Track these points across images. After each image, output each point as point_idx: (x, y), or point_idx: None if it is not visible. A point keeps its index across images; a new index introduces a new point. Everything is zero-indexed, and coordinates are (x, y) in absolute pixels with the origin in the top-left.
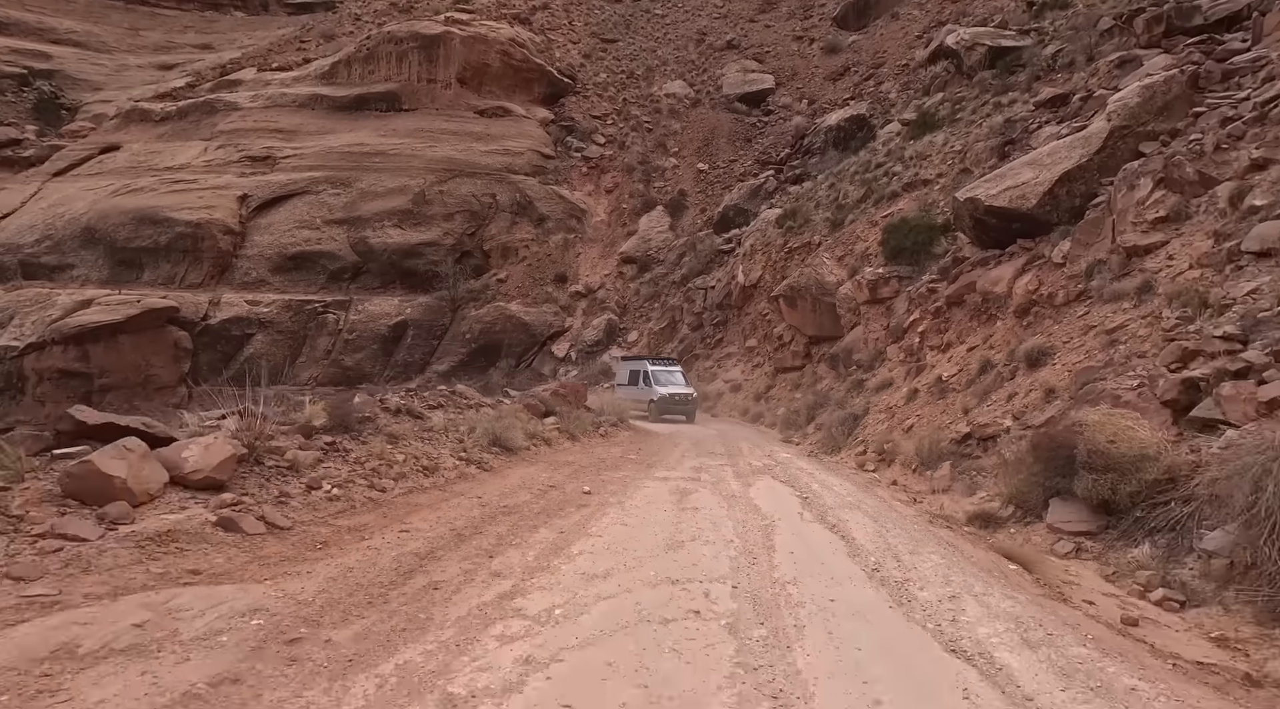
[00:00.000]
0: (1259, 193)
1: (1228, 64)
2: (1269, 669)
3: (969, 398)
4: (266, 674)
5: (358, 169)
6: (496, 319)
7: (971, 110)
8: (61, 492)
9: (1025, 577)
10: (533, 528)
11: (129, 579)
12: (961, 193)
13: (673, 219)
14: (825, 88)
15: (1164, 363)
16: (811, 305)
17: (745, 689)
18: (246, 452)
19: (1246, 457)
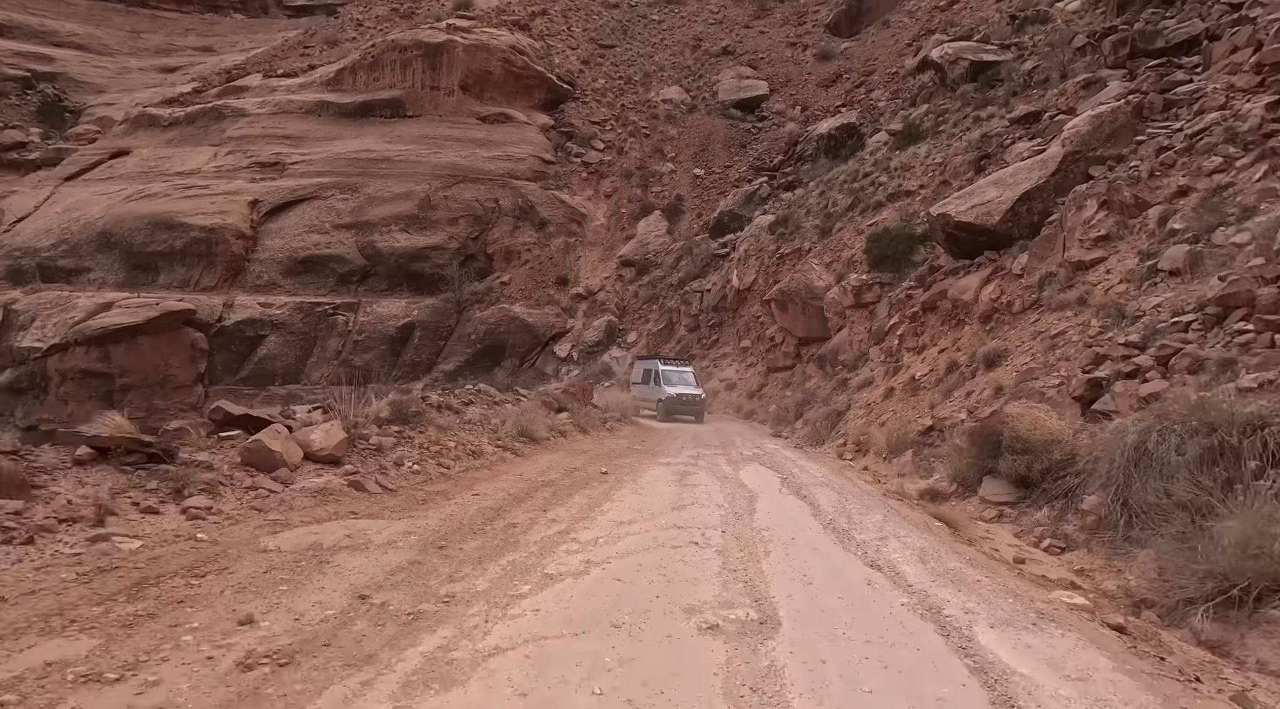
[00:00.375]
0: (1179, 217)
1: (1170, 94)
2: (1099, 583)
3: (935, 395)
4: (434, 561)
5: (364, 175)
6: (501, 320)
7: (953, 123)
8: (241, 461)
9: (947, 531)
10: (569, 495)
11: (317, 514)
12: (935, 208)
13: (670, 223)
14: (818, 94)
15: (1080, 365)
16: (801, 309)
17: (728, 578)
18: (347, 436)
19: (1110, 440)
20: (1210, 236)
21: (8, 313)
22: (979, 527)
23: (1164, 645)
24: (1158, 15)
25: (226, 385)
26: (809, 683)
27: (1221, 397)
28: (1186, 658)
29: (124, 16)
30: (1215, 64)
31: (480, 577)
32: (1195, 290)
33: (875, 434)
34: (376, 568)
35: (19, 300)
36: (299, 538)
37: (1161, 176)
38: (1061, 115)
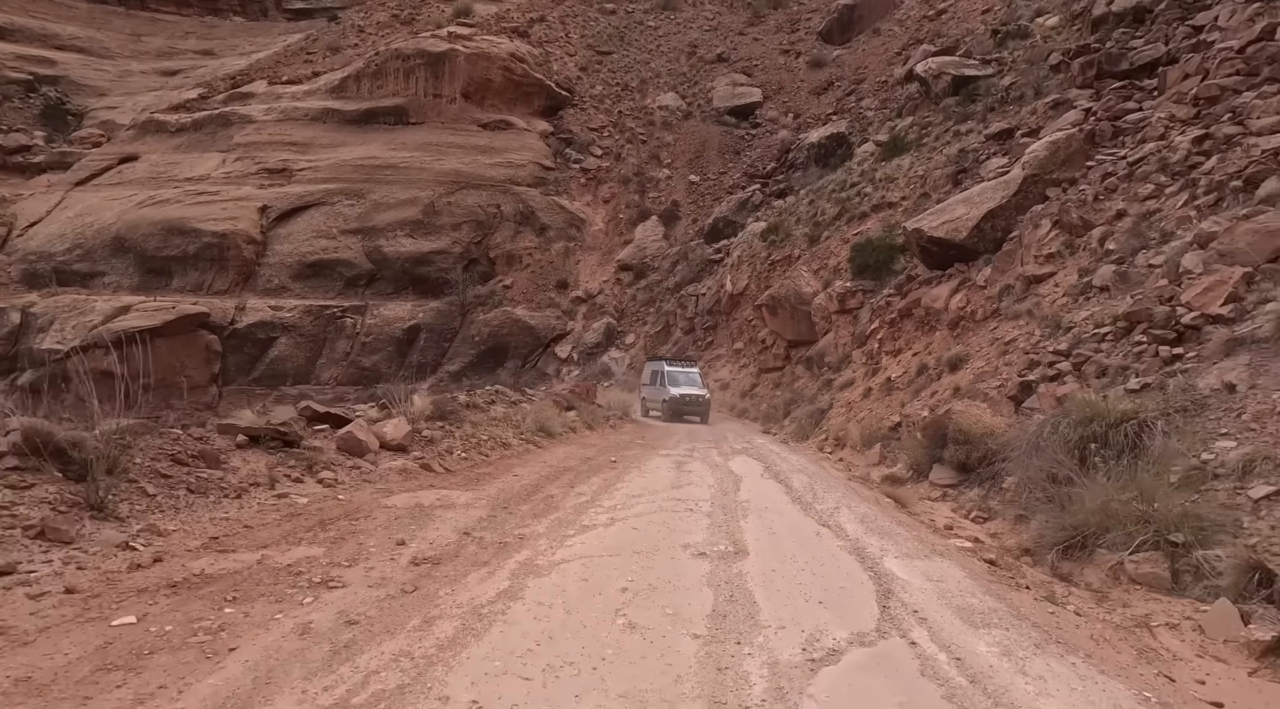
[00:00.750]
0: (1114, 239)
1: (1119, 122)
2: (1002, 541)
3: (906, 394)
4: (503, 516)
5: (370, 181)
6: (503, 323)
7: (935, 137)
8: (337, 447)
9: (894, 506)
10: (588, 477)
11: (407, 485)
12: (911, 223)
13: (666, 228)
14: (810, 102)
15: (1017, 370)
16: (790, 313)
17: (714, 530)
18: (411, 429)
19: (1023, 432)
20: (1134, 258)
21: (25, 316)
22: (924, 503)
23: (1022, 573)
24: (1128, 34)
25: (239, 386)
26: (762, 580)
27: (1107, 396)
28: (1036, 580)
29: (124, 19)
30: (1168, 90)
31: (538, 525)
32: (1113, 306)
33: (852, 430)
34: (466, 519)
35: (36, 304)
36: (404, 500)
37: (1105, 200)
38: (1026, 138)
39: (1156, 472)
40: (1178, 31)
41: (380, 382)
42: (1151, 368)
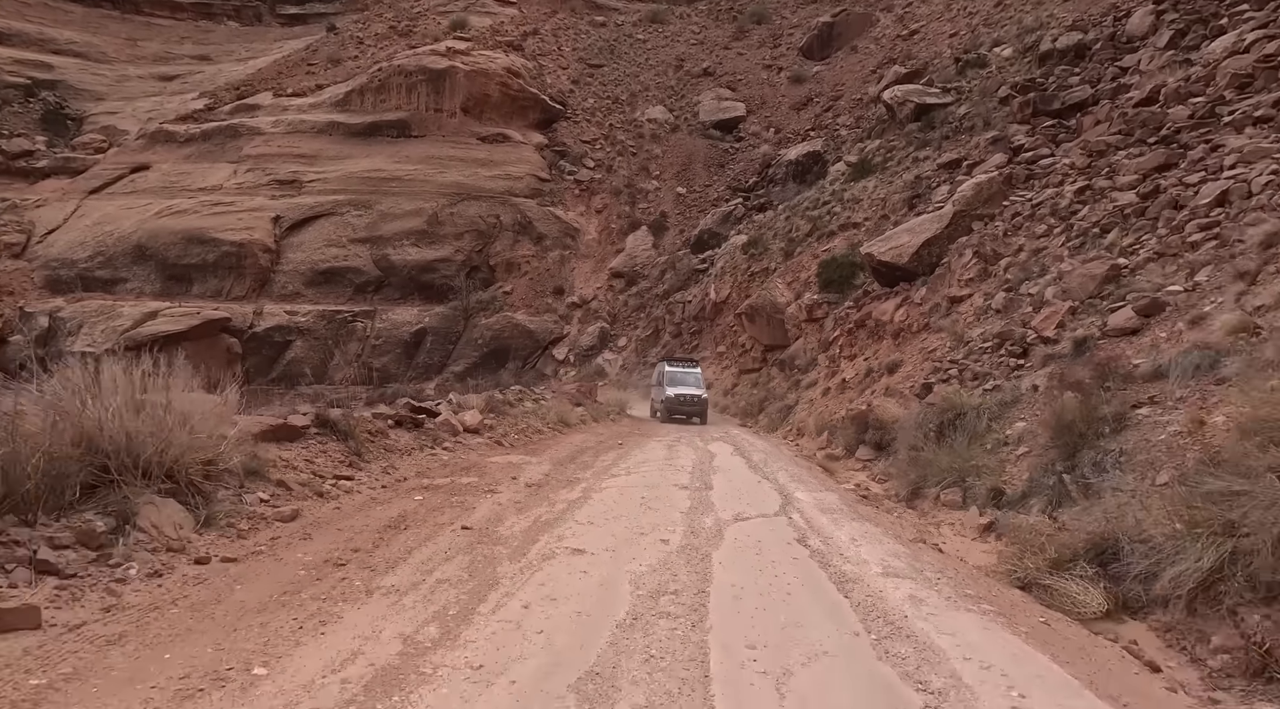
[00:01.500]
0: (1011, 270)
1: (1035, 166)
2: (889, 490)
3: (854, 393)
4: (560, 471)
5: (377, 193)
6: (504, 327)
7: (897, 161)
8: (438, 428)
9: (823, 472)
10: (605, 452)
11: (493, 453)
12: (865, 247)
13: (655, 238)
14: (790, 117)
15: (926, 373)
16: (766, 321)
17: (694, 480)
18: (481, 417)
19: (910, 419)
20: (1020, 287)
21: (53, 320)
22: (847, 472)
23: (881, 501)
24: (1067, 72)
25: (259, 386)
26: (718, 498)
27: (965, 394)
28: (888, 506)
29: (120, 24)
30: (1082, 135)
31: (585, 473)
32: (994, 326)
33: (809, 422)
34: (540, 470)
35: (63, 308)
36: (499, 460)
37: (1012, 236)
38: (968, 170)
39: (980, 442)
40: (1108, 71)
41: (390, 381)
42: (1003, 374)
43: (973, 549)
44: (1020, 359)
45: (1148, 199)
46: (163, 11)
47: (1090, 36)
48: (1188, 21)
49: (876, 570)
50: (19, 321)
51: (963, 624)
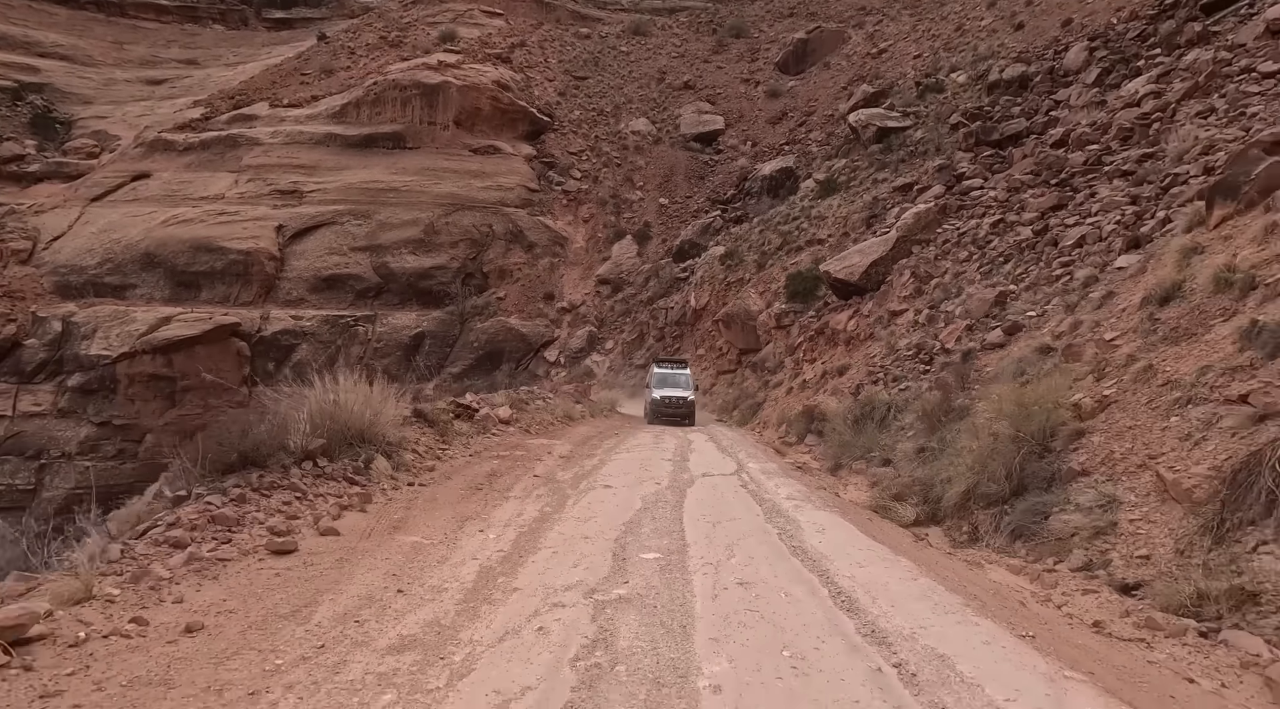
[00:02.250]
0: (937, 291)
1: (965, 199)
2: (823, 465)
3: (811, 392)
4: (582, 447)
5: (375, 203)
6: (498, 330)
7: (860, 181)
8: (483, 419)
9: (776, 453)
10: (605, 440)
11: (527, 437)
12: (824, 265)
13: (640, 247)
14: (767, 131)
15: (862, 376)
16: (741, 327)
17: (676, 458)
18: (512, 411)
19: (843, 410)
20: (942, 305)
21: (66, 324)
22: (794, 454)
23: (812, 472)
24: (1010, 102)
25: (267, 387)
26: (692, 464)
27: (882, 393)
28: (817, 474)
29: (105, 26)
30: (1014, 165)
31: (598, 452)
32: (916, 338)
33: (773, 416)
34: (567, 447)
35: (76, 313)
36: (534, 442)
37: (941, 260)
38: (909, 202)
39: (886, 429)
40: (1044, 104)
41: (392, 383)
42: (914, 377)
43: (859, 495)
44: (927, 365)
45: (1039, 236)
46: (148, 14)
47: (1033, 69)
48: (1113, 60)
49: (783, 496)
50: (31, 325)
51: (819, 517)
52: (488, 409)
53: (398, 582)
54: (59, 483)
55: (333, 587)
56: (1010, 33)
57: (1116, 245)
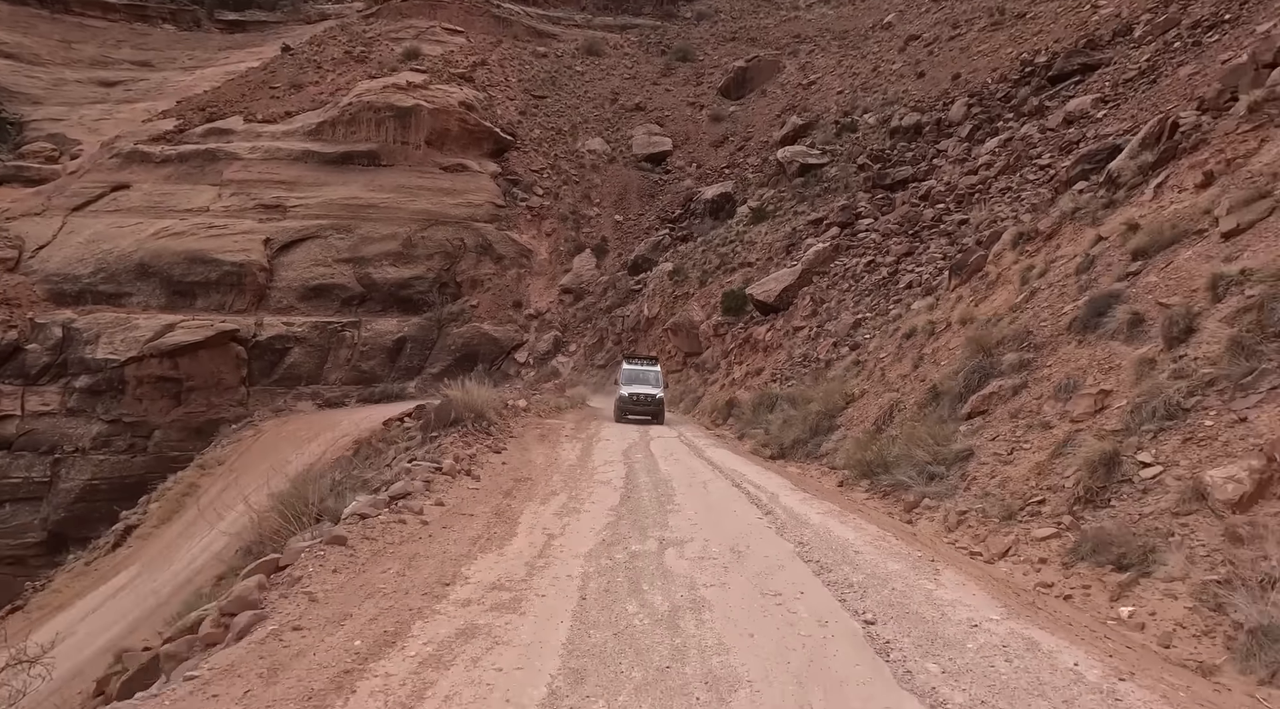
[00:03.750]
0: (824, 313)
1: (854, 240)
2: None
3: (737, 387)
4: (581, 425)
5: (356, 218)
6: (473, 335)
7: (784, 212)
8: (514, 406)
9: (708, 432)
10: (591, 422)
11: (544, 419)
12: (749, 288)
13: (598, 260)
14: (710, 154)
15: (769, 375)
16: (686, 334)
17: (642, 433)
18: (527, 404)
19: (749, 399)
20: (826, 326)
21: (67, 330)
22: (718, 431)
23: (725, 438)
24: (904, 148)
25: (263, 387)
26: (655, 433)
27: (775, 388)
28: (729, 439)
29: (50, 24)
30: (895, 210)
31: (592, 425)
32: (806, 350)
33: (708, 407)
34: (572, 426)
35: (76, 320)
36: (550, 422)
37: (831, 289)
38: (810, 238)
39: (775, 411)
40: (930, 152)
41: (377, 382)
42: (799, 378)
43: (747, 445)
44: (806, 369)
45: (891, 277)
46: (94, 12)
47: (925, 118)
48: (982, 118)
49: (703, 445)
50: (32, 331)
51: (719, 452)
52: (512, 401)
53: (549, 459)
54: (75, 475)
55: (529, 462)
56: (914, 80)
57: (919, 291)
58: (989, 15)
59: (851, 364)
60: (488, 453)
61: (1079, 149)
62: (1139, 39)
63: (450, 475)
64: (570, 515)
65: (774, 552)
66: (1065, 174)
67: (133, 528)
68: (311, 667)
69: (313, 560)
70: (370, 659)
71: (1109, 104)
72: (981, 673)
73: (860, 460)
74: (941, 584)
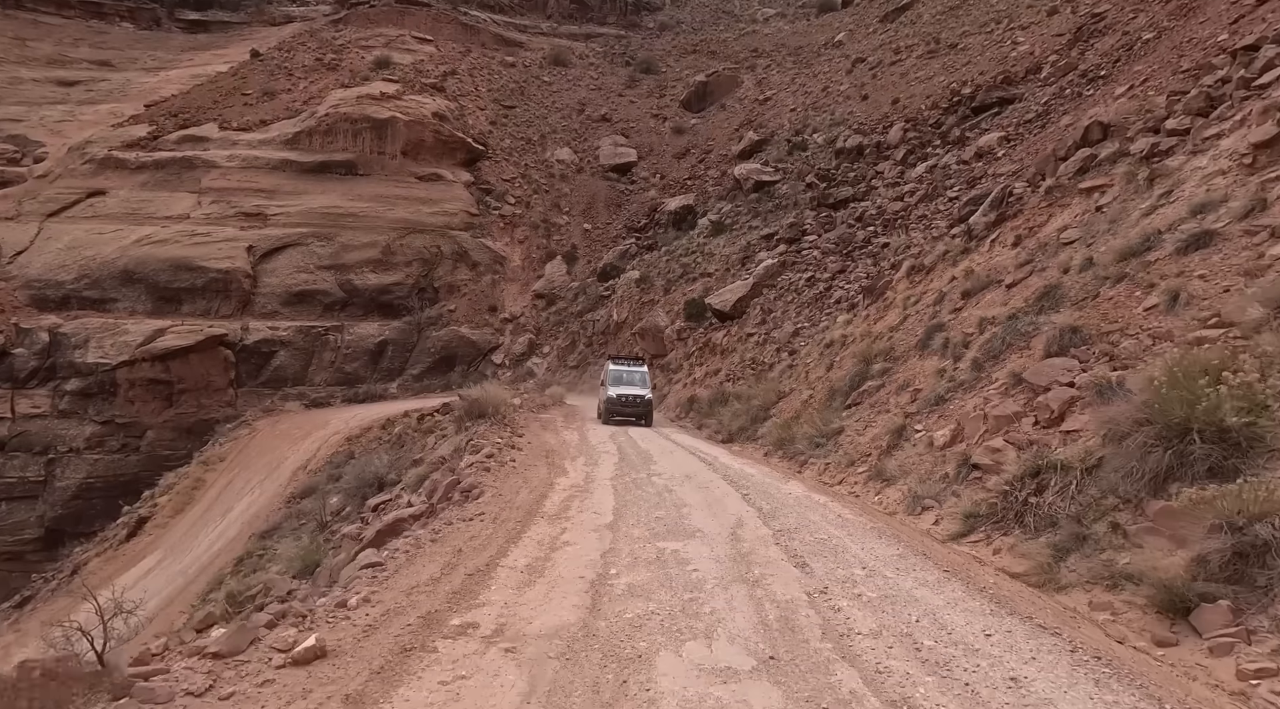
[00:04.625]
0: (771, 322)
1: (798, 257)
2: (691, 423)
3: (697, 386)
4: (572, 417)
5: (336, 226)
6: (452, 338)
7: (740, 226)
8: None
9: (675, 423)
10: (576, 418)
11: (536, 413)
12: (708, 298)
13: (568, 267)
14: (673, 165)
15: (724, 376)
16: (653, 338)
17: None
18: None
19: (706, 396)
20: (773, 333)
21: (54, 335)
22: (680, 421)
23: (687, 426)
24: (848, 169)
25: (251, 389)
26: (636, 434)
27: (729, 386)
28: (690, 428)
29: (2, 20)
30: (834, 231)
31: (579, 417)
32: (755, 354)
33: (672, 401)
34: (562, 417)
35: (62, 325)
36: (544, 415)
37: (778, 301)
38: (763, 252)
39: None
40: (869, 173)
41: (360, 383)
42: (747, 378)
43: (704, 432)
44: (755, 370)
45: (825, 292)
46: (48, 8)
47: (867, 140)
48: (915, 143)
49: (669, 432)
50: (17, 336)
51: (683, 436)
52: (509, 399)
53: (559, 441)
54: (70, 474)
55: (545, 443)
56: (858, 102)
57: (844, 307)
58: (926, 43)
59: (786, 368)
60: (511, 437)
61: (979, 186)
62: (1044, 79)
63: (504, 448)
64: (593, 466)
65: (709, 477)
66: (958, 211)
67: (145, 520)
68: (520, 502)
69: (478, 471)
70: (544, 496)
71: (1010, 143)
72: (779, 501)
73: (778, 438)
74: (787, 486)
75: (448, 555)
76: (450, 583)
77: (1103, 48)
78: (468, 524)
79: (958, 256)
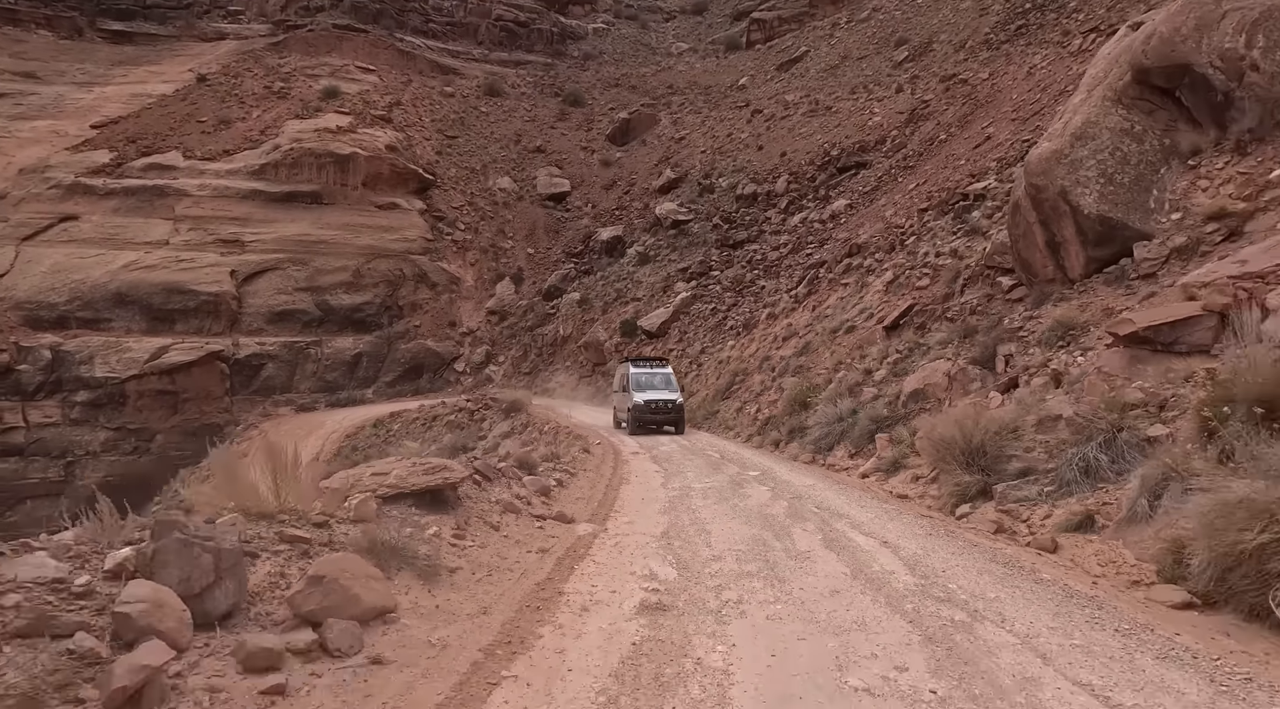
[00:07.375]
0: (686, 340)
1: (705, 291)
2: None
3: None
4: (554, 410)
5: (310, 252)
6: (419, 350)
7: (662, 258)
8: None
9: None
10: (559, 409)
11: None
12: (639, 320)
13: (516, 287)
14: (603, 196)
15: None
16: (595, 350)
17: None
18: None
19: None
20: (685, 350)
21: (56, 353)
22: None
23: None
24: (744, 213)
25: (244, 397)
26: (594, 414)
27: None
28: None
29: None
30: (731, 269)
31: (561, 410)
32: (676, 365)
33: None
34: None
35: (64, 343)
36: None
37: (691, 325)
38: (679, 283)
39: None
40: (761, 218)
41: (341, 390)
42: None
43: None
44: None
45: (722, 322)
46: None
47: (760, 188)
48: (794, 196)
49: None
50: (19, 353)
51: None
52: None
53: (570, 422)
54: (89, 474)
55: (566, 422)
56: (755, 151)
57: (733, 334)
58: (809, 103)
59: (695, 377)
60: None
61: (825, 247)
62: (886, 151)
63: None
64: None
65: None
66: (799, 275)
67: None
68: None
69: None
70: (619, 467)
71: (852, 211)
72: (695, 440)
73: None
74: (696, 436)
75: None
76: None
77: (923, 133)
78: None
79: (789, 312)
